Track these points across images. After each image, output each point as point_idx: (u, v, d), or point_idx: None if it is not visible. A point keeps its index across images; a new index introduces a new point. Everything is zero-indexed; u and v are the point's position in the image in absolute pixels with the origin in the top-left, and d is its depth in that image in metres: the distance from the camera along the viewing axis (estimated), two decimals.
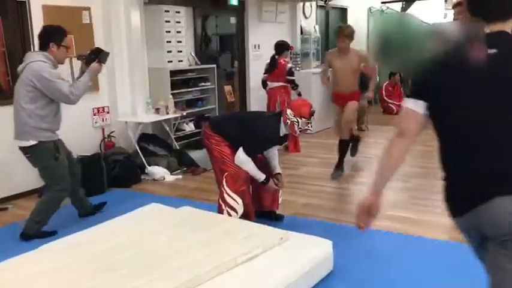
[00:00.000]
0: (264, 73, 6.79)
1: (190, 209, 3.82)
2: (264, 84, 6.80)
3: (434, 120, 1.79)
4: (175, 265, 2.76)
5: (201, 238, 3.13)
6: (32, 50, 5.01)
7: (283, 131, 3.88)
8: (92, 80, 4.10)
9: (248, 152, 3.77)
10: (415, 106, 1.78)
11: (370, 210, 1.89)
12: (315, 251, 3.11)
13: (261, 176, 3.87)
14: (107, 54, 4.12)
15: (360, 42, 11.84)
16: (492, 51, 1.66)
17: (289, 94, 6.70)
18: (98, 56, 4.01)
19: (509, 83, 1.66)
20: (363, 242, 3.73)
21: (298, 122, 3.78)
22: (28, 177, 4.93)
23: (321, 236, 3.28)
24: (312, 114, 3.82)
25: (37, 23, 5.03)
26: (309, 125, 3.85)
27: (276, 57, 6.68)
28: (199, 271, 2.67)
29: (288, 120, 3.80)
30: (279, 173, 4.07)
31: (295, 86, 6.65)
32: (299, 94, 6.57)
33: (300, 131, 3.86)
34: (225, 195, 3.76)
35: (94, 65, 3.96)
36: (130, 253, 2.95)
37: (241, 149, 3.75)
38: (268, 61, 6.77)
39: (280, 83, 6.64)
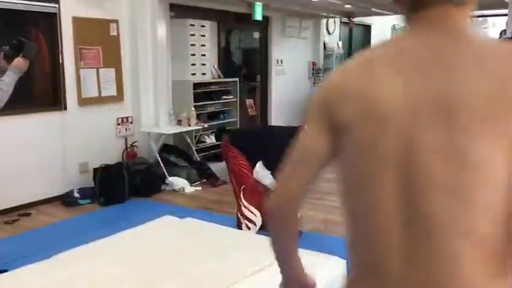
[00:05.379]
0: None
1: (194, 221, 3.74)
2: None
3: None
4: (183, 278, 2.71)
5: (206, 250, 3.07)
6: (61, 59, 5.15)
7: None
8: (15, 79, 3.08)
9: (267, 166, 3.78)
10: None
11: None
12: (327, 270, 2.97)
13: None
14: (33, 46, 3.23)
15: None
16: None
17: None
18: (22, 49, 3.12)
19: None
20: None
21: None
22: (51, 183, 5.04)
23: (338, 253, 3.23)
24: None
25: (67, 35, 5.20)
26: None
27: None
28: (208, 284, 2.63)
29: None
30: None
31: None
32: None
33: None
34: (243, 208, 3.78)
35: (18, 60, 3.08)
36: (135, 266, 2.86)
37: (259, 163, 3.76)
38: None
39: None
